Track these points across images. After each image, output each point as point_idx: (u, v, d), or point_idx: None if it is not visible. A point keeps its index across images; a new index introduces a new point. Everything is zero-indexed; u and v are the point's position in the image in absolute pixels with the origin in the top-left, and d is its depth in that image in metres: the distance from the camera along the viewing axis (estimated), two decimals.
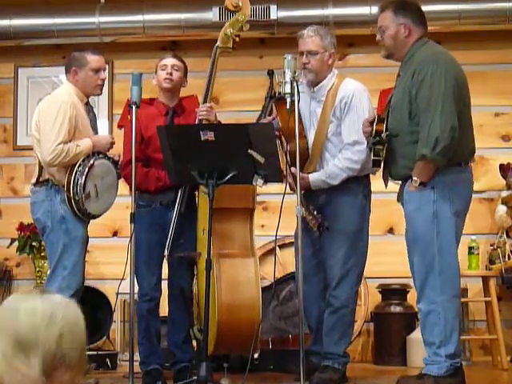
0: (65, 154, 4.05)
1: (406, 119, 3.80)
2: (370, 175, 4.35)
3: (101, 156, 4.21)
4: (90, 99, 4.40)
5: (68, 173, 4.09)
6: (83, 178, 4.07)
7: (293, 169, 4.06)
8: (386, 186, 4.09)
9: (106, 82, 4.48)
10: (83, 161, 4.11)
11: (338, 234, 4.20)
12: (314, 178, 4.21)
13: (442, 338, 3.73)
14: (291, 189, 4.14)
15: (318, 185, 4.21)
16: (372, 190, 4.31)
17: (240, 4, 4.50)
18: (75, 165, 4.09)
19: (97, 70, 4.27)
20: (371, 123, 3.91)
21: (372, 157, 3.89)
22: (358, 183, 4.25)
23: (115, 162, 4.29)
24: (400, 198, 3.97)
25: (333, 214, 4.17)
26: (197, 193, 4.40)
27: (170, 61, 4.38)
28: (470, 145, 3.89)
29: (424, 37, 3.93)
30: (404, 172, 3.85)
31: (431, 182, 3.74)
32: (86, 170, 4.09)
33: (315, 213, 4.05)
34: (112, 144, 4.33)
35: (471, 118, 3.91)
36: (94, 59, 4.27)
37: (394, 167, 3.90)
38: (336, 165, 4.19)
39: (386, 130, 3.84)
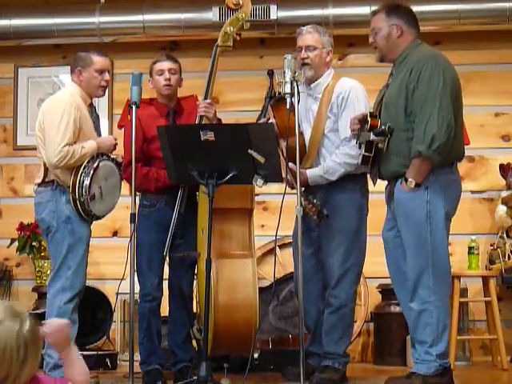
0: (70, 156, 4.05)
1: (402, 116, 3.78)
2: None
3: (105, 157, 4.21)
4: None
5: (73, 174, 4.08)
6: (89, 179, 4.06)
7: (290, 164, 4.05)
8: (374, 185, 4.09)
9: None
10: (88, 162, 4.11)
11: (336, 233, 4.20)
12: (311, 173, 4.20)
13: (434, 337, 3.75)
14: (289, 186, 4.12)
15: (315, 180, 4.20)
16: (372, 189, 4.30)
17: (241, 2, 4.50)
18: (80, 166, 4.08)
19: (101, 71, 4.27)
20: (359, 121, 3.90)
21: (363, 152, 3.86)
22: (355, 182, 4.24)
23: (118, 164, 4.30)
24: (388, 199, 3.95)
25: (331, 213, 4.16)
26: (197, 193, 4.39)
27: (166, 65, 4.37)
28: (461, 147, 3.89)
29: (417, 39, 3.94)
30: (396, 169, 3.83)
31: (425, 182, 3.74)
32: (92, 171, 4.08)
33: (314, 201, 4.03)
34: (115, 145, 4.33)
35: (463, 122, 3.92)
36: (99, 60, 4.27)
37: (385, 164, 3.88)
38: (334, 160, 4.18)
39: (380, 126, 3.83)
